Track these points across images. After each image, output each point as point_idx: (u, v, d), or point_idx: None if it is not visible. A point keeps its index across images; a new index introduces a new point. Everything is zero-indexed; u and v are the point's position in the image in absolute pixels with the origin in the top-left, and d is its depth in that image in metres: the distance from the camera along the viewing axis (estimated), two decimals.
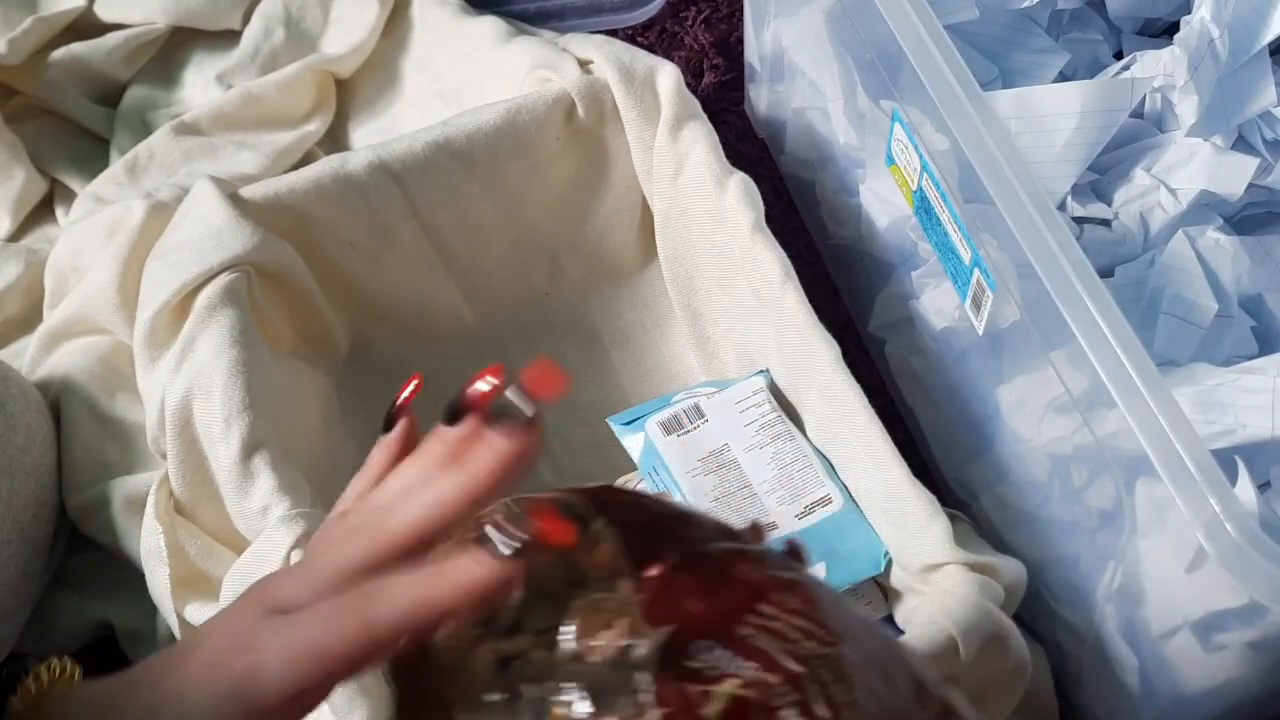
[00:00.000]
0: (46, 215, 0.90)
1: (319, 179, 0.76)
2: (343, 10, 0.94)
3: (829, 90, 0.78)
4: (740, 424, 0.72)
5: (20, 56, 0.91)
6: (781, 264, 0.72)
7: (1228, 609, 0.55)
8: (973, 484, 0.75)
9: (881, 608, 0.71)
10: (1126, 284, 0.72)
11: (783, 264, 0.72)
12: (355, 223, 0.77)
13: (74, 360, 0.78)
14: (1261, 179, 0.74)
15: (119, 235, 0.77)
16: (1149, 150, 0.75)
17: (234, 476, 0.66)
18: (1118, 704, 0.66)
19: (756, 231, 0.73)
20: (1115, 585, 0.61)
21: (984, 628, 0.61)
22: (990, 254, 0.61)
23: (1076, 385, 0.58)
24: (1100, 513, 0.61)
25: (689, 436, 0.71)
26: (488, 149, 0.78)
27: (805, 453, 0.72)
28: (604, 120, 0.80)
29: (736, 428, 0.72)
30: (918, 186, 0.67)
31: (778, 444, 0.72)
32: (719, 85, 0.96)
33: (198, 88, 0.94)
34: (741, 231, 0.73)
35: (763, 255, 0.72)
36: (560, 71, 0.80)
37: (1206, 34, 0.72)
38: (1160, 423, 0.51)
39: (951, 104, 0.60)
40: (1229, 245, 0.71)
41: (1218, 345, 0.70)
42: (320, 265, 0.77)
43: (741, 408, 0.73)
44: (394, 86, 0.93)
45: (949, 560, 0.65)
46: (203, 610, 0.66)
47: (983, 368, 0.69)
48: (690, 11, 0.99)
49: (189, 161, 0.88)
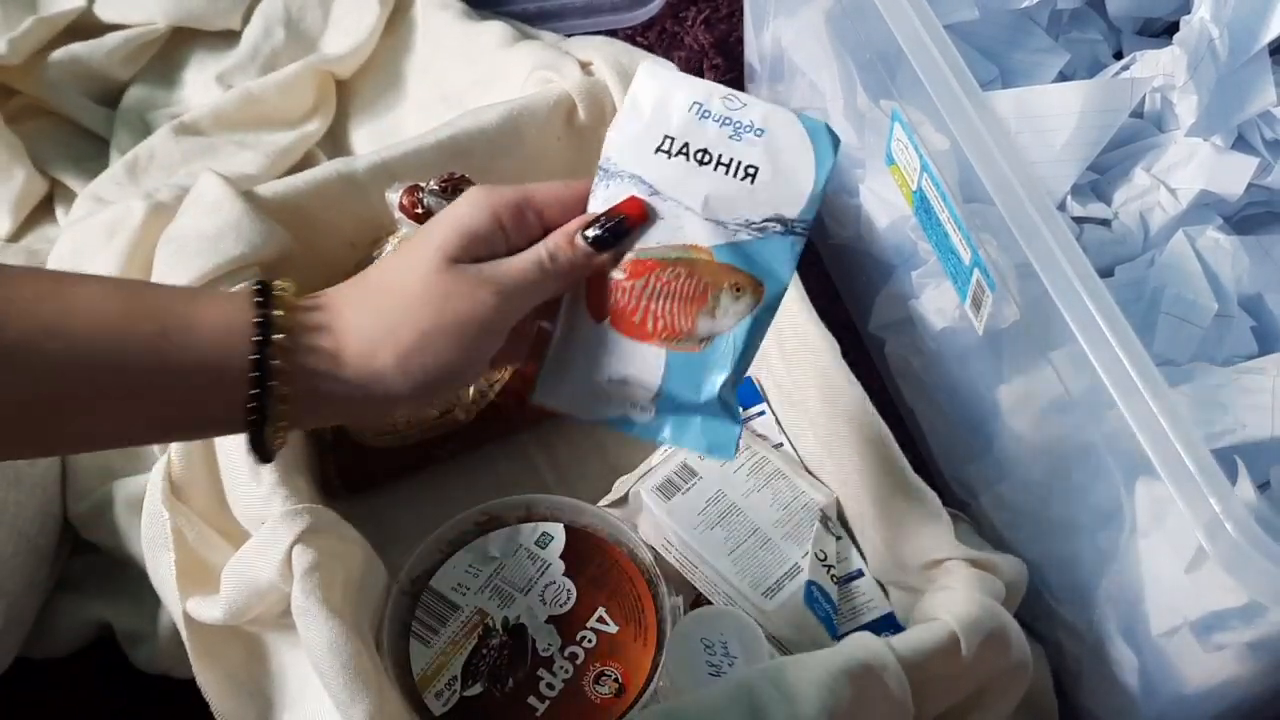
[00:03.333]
0: (47, 215, 0.90)
1: (323, 180, 0.76)
2: (343, 11, 0.94)
3: (829, 90, 0.78)
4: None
5: (20, 56, 0.91)
6: None
7: (1227, 609, 0.55)
8: (973, 483, 0.75)
9: (882, 605, 0.71)
10: (1126, 284, 0.72)
11: None
12: (358, 224, 0.77)
13: None
14: (1261, 179, 0.74)
15: (119, 235, 0.77)
16: (1149, 150, 0.75)
17: (248, 459, 0.66)
18: (1118, 703, 0.66)
19: None
20: (1115, 585, 0.61)
21: (985, 624, 0.61)
22: (990, 254, 0.61)
23: (1076, 385, 0.58)
24: (1100, 512, 0.61)
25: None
26: (489, 149, 0.78)
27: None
28: (604, 121, 0.80)
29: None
30: (917, 186, 0.67)
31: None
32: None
33: (198, 88, 0.94)
34: None
35: None
36: (561, 73, 0.80)
37: (1206, 34, 0.72)
38: (1160, 423, 0.51)
39: (951, 104, 0.60)
40: (1229, 245, 0.71)
41: (1217, 345, 0.70)
42: (323, 265, 0.77)
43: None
44: (396, 88, 0.93)
45: (950, 556, 0.65)
46: (203, 604, 0.66)
47: (983, 367, 0.69)
48: (690, 12, 0.99)
49: (189, 162, 0.88)
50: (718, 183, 0.54)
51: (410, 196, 0.72)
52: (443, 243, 0.51)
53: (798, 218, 0.54)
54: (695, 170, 0.54)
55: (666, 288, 0.54)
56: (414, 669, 0.66)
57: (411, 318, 0.50)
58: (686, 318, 0.54)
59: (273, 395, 0.49)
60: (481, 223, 0.52)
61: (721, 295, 0.54)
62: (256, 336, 0.49)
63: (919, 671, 0.60)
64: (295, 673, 0.66)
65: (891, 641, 0.60)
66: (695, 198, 0.54)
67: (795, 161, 0.54)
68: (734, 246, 0.54)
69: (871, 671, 0.59)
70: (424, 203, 0.72)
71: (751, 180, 0.54)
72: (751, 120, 0.54)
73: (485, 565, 0.69)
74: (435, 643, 0.66)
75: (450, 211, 0.53)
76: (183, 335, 0.48)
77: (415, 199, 0.72)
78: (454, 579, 0.68)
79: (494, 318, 0.51)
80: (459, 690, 0.65)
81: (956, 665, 0.61)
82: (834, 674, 0.58)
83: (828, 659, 0.59)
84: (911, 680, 0.60)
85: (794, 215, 0.54)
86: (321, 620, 0.60)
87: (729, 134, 0.54)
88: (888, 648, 0.60)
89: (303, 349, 0.50)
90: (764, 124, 0.54)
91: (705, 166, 0.54)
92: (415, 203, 0.72)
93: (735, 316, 0.54)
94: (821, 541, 0.71)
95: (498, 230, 0.53)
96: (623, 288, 0.54)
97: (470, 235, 0.52)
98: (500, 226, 0.53)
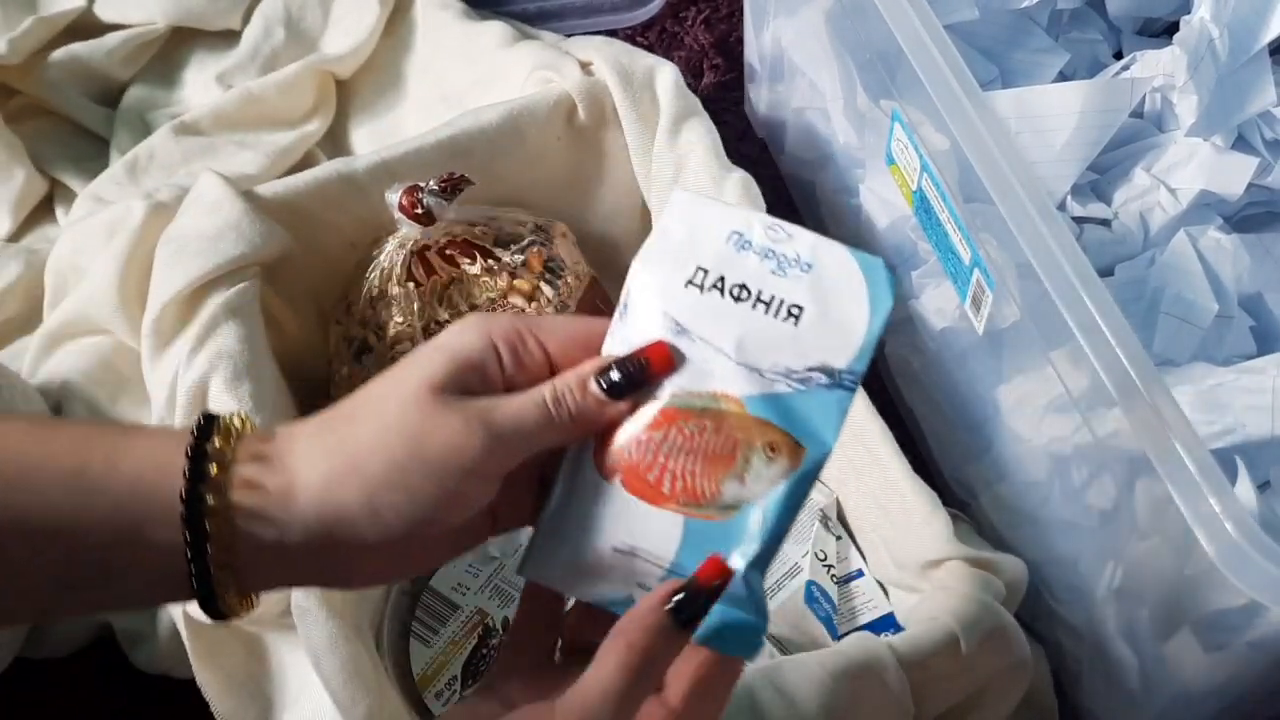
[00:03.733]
0: (46, 215, 0.90)
1: (323, 180, 0.76)
2: (343, 10, 0.94)
3: (829, 90, 0.78)
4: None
5: (20, 56, 0.91)
6: None
7: (1227, 609, 0.55)
8: (972, 484, 0.75)
9: (882, 605, 0.71)
10: (1126, 284, 0.72)
11: None
12: (358, 224, 0.77)
13: (74, 363, 0.78)
14: (1261, 179, 0.74)
15: (119, 236, 0.77)
16: (1149, 150, 0.75)
17: None
18: (1117, 704, 0.66)
19: None
20: (1115, 585, 0.61)
21: (985, 623, 0.61)
22: (990, 254, 0.61)
23: (1076, 385, 0.58)
24: (1100, 512, 0.61)
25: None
26: (489, 149, 0.78)
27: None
28: (605, 122, 0.80)
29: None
30: (917, 186, 0.67)
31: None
32: (719, 85, 0.96)
33: (198, 88, 0.94)
34: None
35: None
36: (561, 73, 0.80)
37: (1206, 34, 0.72)
38: (1160, 422, 0.51)
39: (951, 104, 0.60)
40: (1229, 244, 0.71)
41: (1217, 345, 0.70)
42: (323, 266, 0.77)
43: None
44: (396, 88, 0.93)
45: (949, 556, 0.65)
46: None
47: (982, 368, 0.69)
48: (690, 11, 0.99)
49: (189, 161, 0.88)
50: (756, 323, 0.46)
51: (410, 196, 0.72)
52: (427, 369, 0.44)
53: (847, 368, 0.46)
54: (730, 307, 0.47)
55: (689, 443, 0.46)
56: (414, 669, 0.66)
57: (383, 448, 0.43)
58: (710, 480, 0.46)
59: (213, 543, 0.41)
60: (474, 350, 0.45)
61: (753, 456, 0.46)
62: (187, 470, 0.41)
63: (919, 671, 0.60)
64: (295, 673, 0.66)
65: (891, 641, 0.60)
66: (728, 339, 0.46)
67: (846, 302, 0.46)
68: (771, 399, 0.46)
69: (871, 671, 0.59)
70: (423, 203, 0.72)
71: (795, 322, 0.46)
72: (798, 253, 0.47)
73: (485, 565, 0.69)
74: (435, 643, 0.67)
75: (440, 336, 0.46)
76: (103, 473, 0.41)
77: (415, 199, 0.72)
78: (454, 579, 0.68)
79: (481, 460, 0.43)
80: (459, 690, 0.65)
81: (956, 665, 0.61)
82: (834, 674, 0.58)
83: (827, 659, 0.59)
84: (911, 680, 0.60)
85: (843, 365, 0.46)
86: (321, 620, 0.60)
87: (771, 268, 0.47)
88: (888, 648, 0.60)
89: (241, 484, 0.42)
90: (812, 257, 0.47)
91: (742, 304, 0.47)
92: (415, 203, 0.72)
93: (768, 483, 0.46)
94: (821, 541, 0.71)
95: (493, 360, 0.46)
96: (638, 440, 0.46)
97: (460, 362, 0.45)
98: (497, 356, 0.46)
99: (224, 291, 0.71)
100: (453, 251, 0.75)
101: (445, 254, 0.75)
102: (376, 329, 0.74)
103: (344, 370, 0.75)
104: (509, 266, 0.75)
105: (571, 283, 0.77)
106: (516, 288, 0.75)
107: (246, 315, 0.71)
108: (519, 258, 0.75)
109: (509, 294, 0.75)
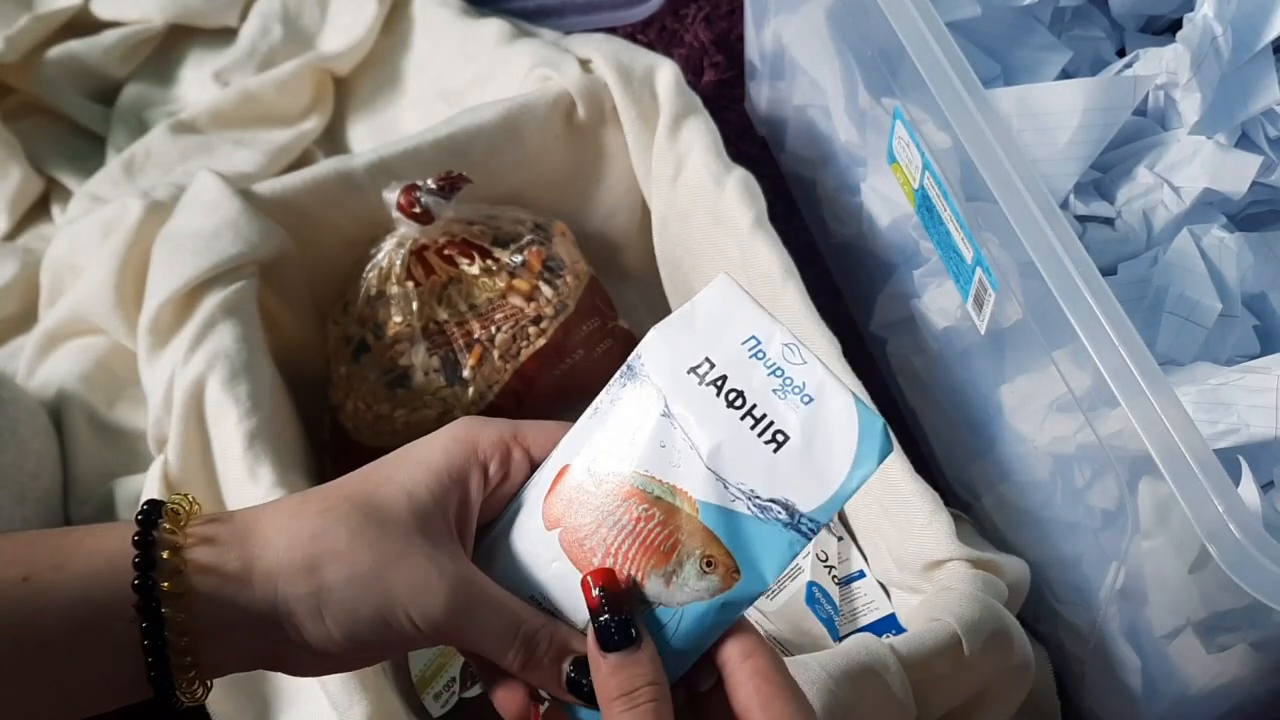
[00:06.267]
0: (43, 214, 0.90)
1: (321, 178, 0.76)
2: (341, 8, 0.94)
3: (830, 88, 0.78)
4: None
5: (17, 54, 0.91)
6: (782, 260, 0.72)
7: (1231, 609, 0.55)
8: (975, 484, 0.74)
9: (884, 606, 0.71)
10: (1129, 282, 0.71)
11: (783, 260, 0.72)
12: (356, 222, 0.77)
13: (71, 366, 0.78)
14: (1265, 177, 0.73)
15: (115, 234, 0.76)
16: (1152, 148, 0.75)
17: (245, 459, 0.66)
18: (1120, 705, 0.66)
19: (757, 227, 0.73)
20: (1118, 586, 0.61)
21: (987, 624, 0.61)
22: (992, 253, 0.61)
23: (1079, 385, 0.57)
24: (1103, 513, 0.61)
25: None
26: (487, 148, 0.78)
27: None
28: (604, 120, 0.80)
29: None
30: (919, 185, 0.67)
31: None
32: (719, 83, 0.96)
33: (195, 86, 0.94)
34: (742, 227, 0.73)
35: (763, 251, 0.72)
36: (560, 70, 0.80)
37: (1209, 31, 0.72)
38: (1163, 422, 0.51)
39: (953, 102, 0.60)
40: (1233, 243, 0.71)
41: (1221, 344, 0.70)
42: (321, 264, 0.77)
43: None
44: (394, 86, 0.93)
45: (951, 556, 0.64)
46: None
47: (985, 367, 0.69)
48: (690, 9, 0.99)
49: (186, 160, 0.88)
50: (739, 434, 0.45)
51: (408, 195, 0.72)
52: (408, 482, 0.44)
53: (809, 515, 0.44)
54: (720, 410, 0.45)
55: (633, 525, 0.45)
56: (412, 670, 0.66)
57: (348, 557, 0.42)
58: (639, 569, 0.45)
59: (169, 628, 0.40)
60: (457, 462, 0.45)
61: (688, 563, 0.45)
62: (137, 560, 0.40)
63: (921, 672, 0.60)
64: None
65: (893, 642, 0.60)
66: (706, 440, 0.45)
67: (832, 449, 0.45)
68: (726, 513, 0.45)
69: (873, 673, 0.59)
70: (421, 201, 0.72)
71: (777, 449, 0.45)
72: (804, 382, 0.45)
73: None
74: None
75: (423, 444, 0.46)
76: (51, 576, 0.40)
77: (413, 198, 0.72)
78: None
79: (438, 620, 0.43)
80: (458, 692, 0.65)
81: (959, 666, 0.61)
82: (835, 675, 0.58)
83: (829, 660, 0.59)
84: (913, 681, 0.60)
85: (806, 510, 0.44)
86: None
87: (774, 386, 0.45)
88: (889, 649, 0.60)
89: (196, 568, 0.41)
90: (817, 392, 0.45)
91: (733, 410, 0.45)
92: (413, 201, 0.72)
93: (692, 594, 0.45)
94: (823, 542, 0.71)
95: (477, 471, 0.45)
96: (588, 504, 0.46)
97: (442, 475, 0.44)
98: (481, 467, 0.46)
99: (221, 290, 0.71)
100: (451, 252, 0.74)
101: (444, 254, 0.74)
102: (375, 328, 0.74)
103: (342, 370, 0.75)
104: (508, 267, 0.75)
105: (570, 282, 0.77)
106: (515, 287, 0.75)
107: (244, 314, 0.71)
108: (518, 257, 0.75)
109: (508, 294, 0.74)
